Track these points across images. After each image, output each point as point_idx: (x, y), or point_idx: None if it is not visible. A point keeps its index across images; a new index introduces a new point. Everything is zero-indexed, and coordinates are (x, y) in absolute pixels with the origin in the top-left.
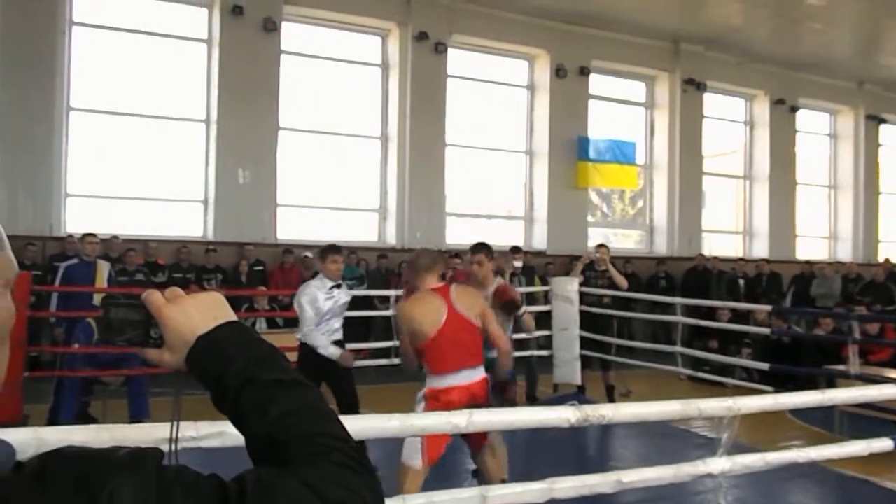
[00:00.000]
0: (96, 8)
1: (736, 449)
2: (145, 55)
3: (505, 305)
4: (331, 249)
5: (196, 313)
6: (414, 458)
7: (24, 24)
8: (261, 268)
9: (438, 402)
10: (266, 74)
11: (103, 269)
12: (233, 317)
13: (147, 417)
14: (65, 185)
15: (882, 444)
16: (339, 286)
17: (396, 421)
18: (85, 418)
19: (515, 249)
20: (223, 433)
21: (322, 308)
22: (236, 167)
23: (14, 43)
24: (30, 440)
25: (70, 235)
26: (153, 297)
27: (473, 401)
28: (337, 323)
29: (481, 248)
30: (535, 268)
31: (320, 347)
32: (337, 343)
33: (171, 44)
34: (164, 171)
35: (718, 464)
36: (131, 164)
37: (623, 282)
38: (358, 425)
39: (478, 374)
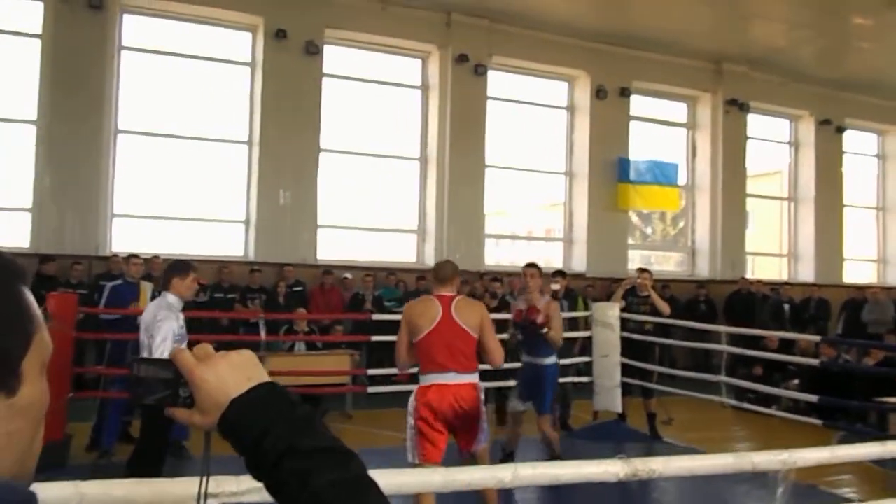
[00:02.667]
0: (144, 32)
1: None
2: (191, 78)
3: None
4: (190, 266)
5: (229, 374)
6: (410, 455)
7: (74, 49)
8: (300, 288)
9: (423, 397)
10: (308, 97)
11: (146, 289)
12: (266, 377)
13: (186, 439)
14: (111, 205)
15: None
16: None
17: (440, 476)
18: (126, 438)
19: (556, 273)
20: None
21: (178, 334)
22: (278, 188)
23: (65, 67)
24: (71, 495)
25: (115, 255)
26: (183, 356)
27: (458, 402)
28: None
29: (532, 264)
30: (576, 290)
31: None
32: None
33: (216, 67)
34: (207, 191)
35: None
36: (175, 184)
37: (665, 308)
38: (401, 480)
39: (465, 379)
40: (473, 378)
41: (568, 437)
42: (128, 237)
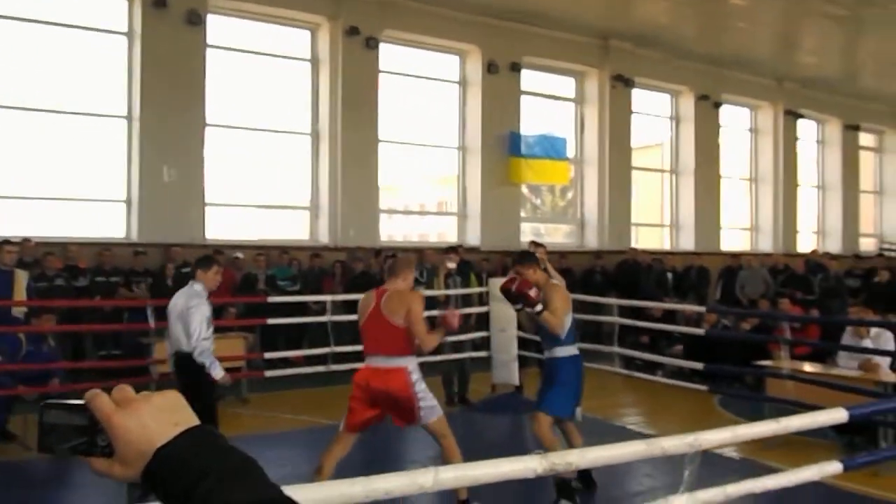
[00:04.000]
0: None
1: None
2: (63, 48)
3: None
4: (214, 260)
5: (152, 420)
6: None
7: None
8: (189, 270)
9: (357, 378)
10: (191, 69)
11: (21, 278)
12: (195, 421)
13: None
14: None
15: (832, 467)
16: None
17: (360, 486)
18: (4, 436)
19: (451, 249)
20: None
21: (208, 318)
22: (160, 165)
23: None
24: None
25: None
26: (99, 400)
27: (384, 384)
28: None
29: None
30: (473, 264)
31: (215, 365)
32: None
33: (90, 36)
34: (84, 169)
35: (681, 501)
36: (48, 162)
37: (561, 281)
38: (320, 494)
39: (392, 363)
40: (401, 362)
41: (467, 410)
42: None
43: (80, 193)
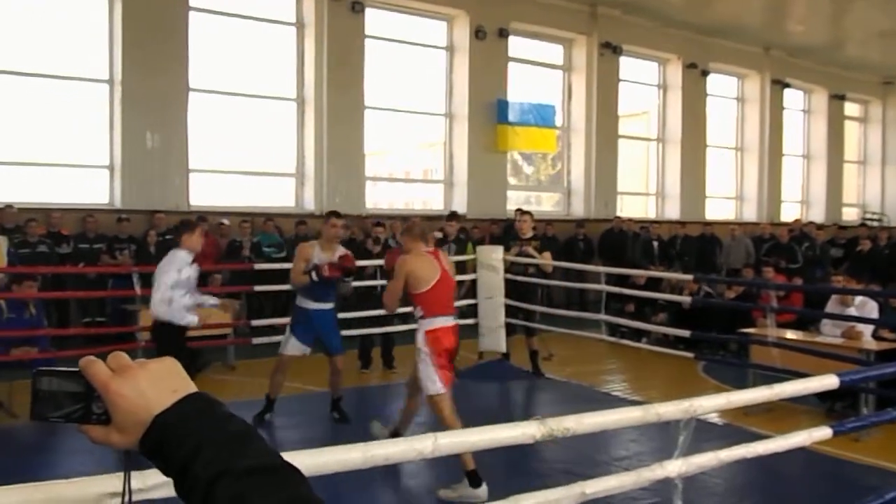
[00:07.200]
0: None
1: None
2: (42, 10)
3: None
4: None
5: (150, 387)
6: (435, 386)
7: None
8: (173, 237)
9: (436, 337)
10: (174, 32)
11: (1, 244)
12: (193, 388)
13: None
14: None
15: (821, 433)
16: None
17: (358, 452)
18: None
19: (452, 216)
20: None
21: (177, 281)
22: (144, 130)
23: None
24: None
25: None
26: (95, 367)
27: (457, 340)
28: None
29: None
30: (468, 231)
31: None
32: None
33: None
34: (66, 134)
35: (675, 466)
36: (29, 127)
37: (548, 266)
38: (318, 460)
39: (456, 321)
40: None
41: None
42: None
43: (62, 159)
